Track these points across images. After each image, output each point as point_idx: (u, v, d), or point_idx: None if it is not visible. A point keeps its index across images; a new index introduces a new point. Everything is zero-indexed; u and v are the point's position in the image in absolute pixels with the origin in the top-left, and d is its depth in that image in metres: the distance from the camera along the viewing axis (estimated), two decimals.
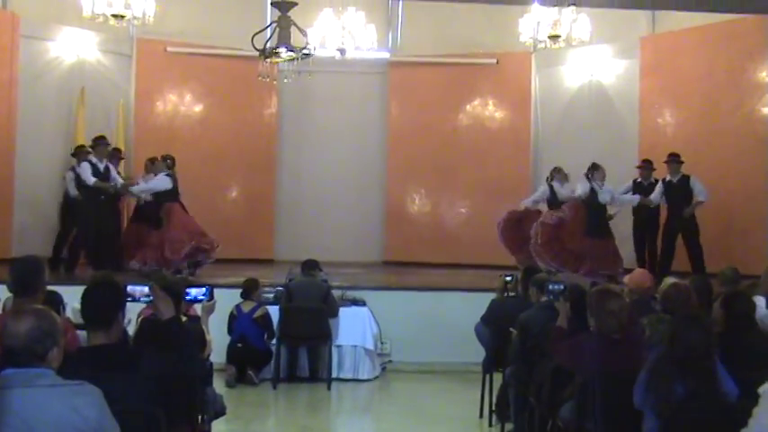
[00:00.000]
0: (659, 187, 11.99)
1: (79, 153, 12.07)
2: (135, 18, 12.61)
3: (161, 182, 11.57)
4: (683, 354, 4.17)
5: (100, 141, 11.76)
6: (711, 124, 13.12)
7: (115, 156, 12.46)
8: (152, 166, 12.36)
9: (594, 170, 11.78)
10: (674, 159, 11.94)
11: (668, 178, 11.99)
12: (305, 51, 8.73)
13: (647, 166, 12.38)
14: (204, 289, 5.77)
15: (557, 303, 5.88)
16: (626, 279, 7.11)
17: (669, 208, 12.05)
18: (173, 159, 11.78)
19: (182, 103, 15.26)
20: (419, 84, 15.74)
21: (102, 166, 11.56)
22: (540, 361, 5.94)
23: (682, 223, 11.80)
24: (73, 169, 12.08)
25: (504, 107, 15.59)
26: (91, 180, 11.36)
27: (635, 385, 4.37)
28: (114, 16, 12.31)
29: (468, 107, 15.72)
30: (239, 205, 15.23)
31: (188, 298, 5.66)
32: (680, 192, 11.86)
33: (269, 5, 8.99)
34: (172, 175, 11.58)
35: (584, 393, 4.98)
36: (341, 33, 13.40)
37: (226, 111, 15.29)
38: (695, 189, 11.81)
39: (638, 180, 12.44)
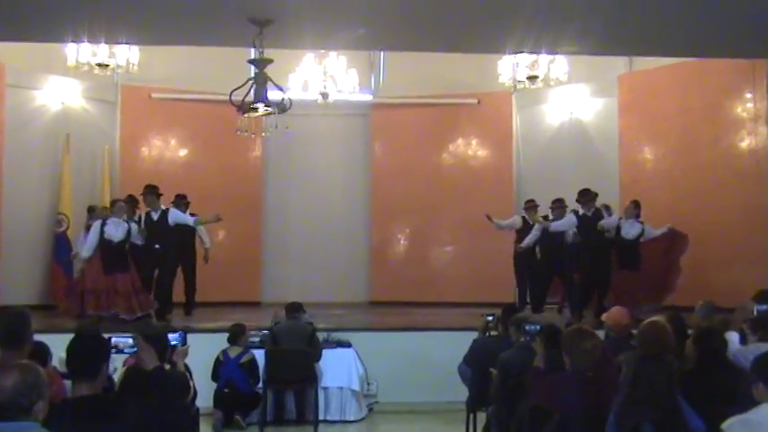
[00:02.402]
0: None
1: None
2: (119, 66, 12.82)
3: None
4: (645, 392, 4.26)
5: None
6: (689, 159, 13.34)
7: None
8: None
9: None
10: (588, 197, 12.00)
11: (581, 212, 12.06)
12: (281, 106, 8.88)
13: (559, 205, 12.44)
14: (177, 334, 5.88)
15: (533, 343, 5.99)
16: (604, 316, 7.20)
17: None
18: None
19: (167, 148, 15.41)
20: (402, 124, 15.94)
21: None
22: (519, 400, 6.03)
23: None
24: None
25: (486, 146, 15.79)
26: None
27: (606, 426, 4.47)
28: (99, 65, 12.53)
29: (450, 146, 15.93)
30: (225, 248, 15.27)
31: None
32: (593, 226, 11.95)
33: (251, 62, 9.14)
34: None
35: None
36: (323, 78, 13.63)
37: (210, 155, 15.44)
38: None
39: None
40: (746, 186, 12.52)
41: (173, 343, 5.80)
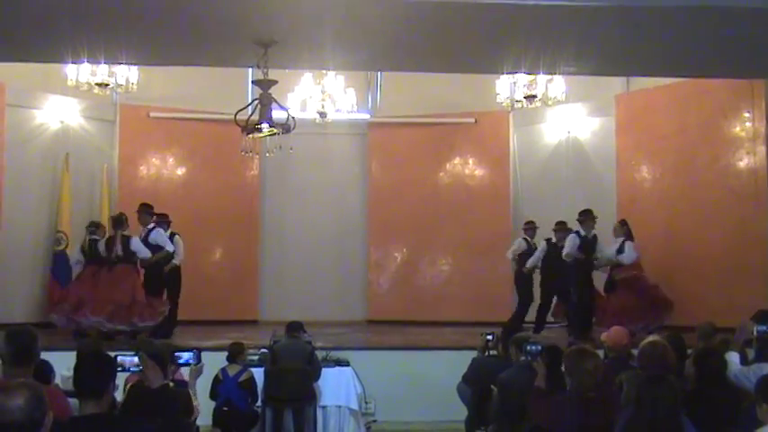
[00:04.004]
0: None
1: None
2: (118, 86, 12.86)
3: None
4: (650, 414, 4.27)
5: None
6: (687, 179, 13.36)
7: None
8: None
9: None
10: (588, 216, 12.21)
11: (583, 233, 12.22)
12: (285, 127, 8.94)
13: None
14: (191, 353, 5.88)
15: (534, 363, 5.99)
16: (603, 336, 7.21)
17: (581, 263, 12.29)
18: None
19: (165, 167, 15.43)
20: (399, 144, 15.99)
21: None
22: (519, 420, 6.04)
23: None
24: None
25: (483, 165, 15.83)
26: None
27: None
28: (98, 85, 12.56)
29: (447, 166, 15.96)
30: (223, 267, 15.32)
31: (180, 361, 5.79)
32: (590, 248, 12.19)
33: (250, 81, 9.21)
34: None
35: None
36: (321, 97, 13.68)
37: (208, 173, 15.47)
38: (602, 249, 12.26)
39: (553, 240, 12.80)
40: (745, 206, 12.54)
41: (186, 361, 5.81)
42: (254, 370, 9.50)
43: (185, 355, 5.84)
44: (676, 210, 13.19)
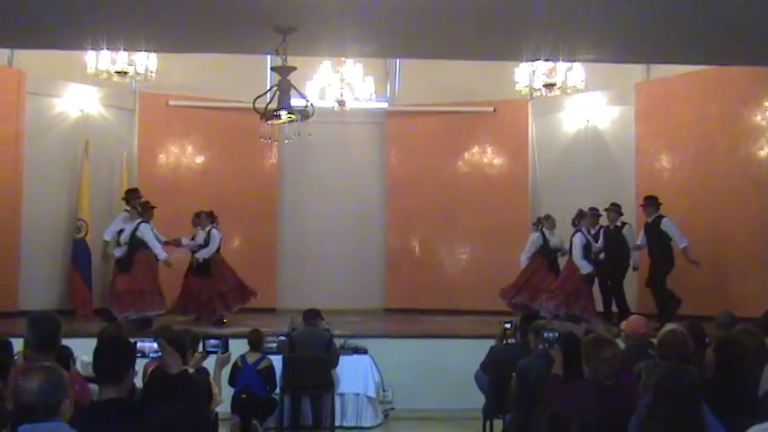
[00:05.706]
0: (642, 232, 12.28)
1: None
2: (137, 74, 12.90)
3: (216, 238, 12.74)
4: (669, 403, 4.24)
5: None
6: (707, 168, 13.28)
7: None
8: (198, 220, 12.93)
9: (581, 218, 12.13)
10: (650, 203, 12.16)
11: (648, 220, 12.22)
12: (304, 113, 8.95)
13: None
14: (218, 341, 5.86)
15: (551, 351, 5.99)
16: (622, 325, 7.20)
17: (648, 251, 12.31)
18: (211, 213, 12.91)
19: (184, 155, 15.46)
20: (417, 132, 15.96)
21: None
22: (537, 408, 6.04)
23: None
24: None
25: (501, 154, 15.77)
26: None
27: None
28: (118, 73, 12.62)
29: (465, 154, 15.90)
30: (241, 254, 15.30)
31: (208, 349, 5.80)
32: (655, 234, 12.09)
33: (269, 69, 9.24)
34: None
35: None
36: (340, 85, 13.68)
37: (227, 161, 15.50)
38: (670, 232, 12.01)
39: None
40: (764, 195, 12.46)
41: (213, 349, 5.81)
42: (272, 357, 9.55)
43: (212, 343, 5.83)
44: (696, 199, 13.11)
